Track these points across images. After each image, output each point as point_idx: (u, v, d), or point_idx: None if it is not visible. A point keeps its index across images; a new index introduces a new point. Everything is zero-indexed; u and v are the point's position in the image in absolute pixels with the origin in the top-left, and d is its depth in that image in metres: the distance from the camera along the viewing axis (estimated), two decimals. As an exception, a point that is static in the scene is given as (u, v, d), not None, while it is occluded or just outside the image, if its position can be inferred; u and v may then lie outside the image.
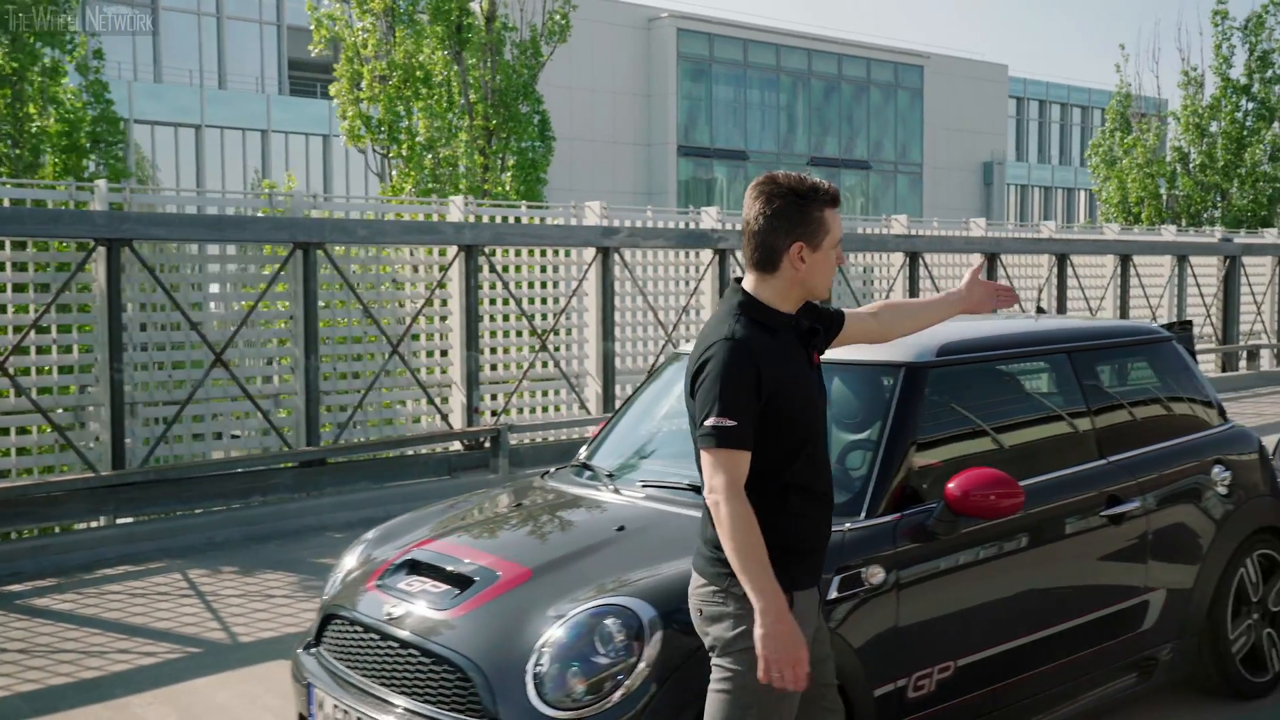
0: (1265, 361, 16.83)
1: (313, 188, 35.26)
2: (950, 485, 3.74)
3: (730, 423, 2.68)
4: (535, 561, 3.59)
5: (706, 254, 10.78)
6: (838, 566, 3.51)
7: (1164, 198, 23.00)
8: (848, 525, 3.62)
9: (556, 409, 10.14)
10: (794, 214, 2.78)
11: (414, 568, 3.74)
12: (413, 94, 12.13)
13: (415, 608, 3.52)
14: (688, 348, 4.85)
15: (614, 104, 38.70)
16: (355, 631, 3.66)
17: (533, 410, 10.02)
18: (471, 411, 9.29)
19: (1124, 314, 14.43)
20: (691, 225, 11.09)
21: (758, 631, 2.65)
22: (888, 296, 12.43)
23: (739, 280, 2.90)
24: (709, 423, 2.70)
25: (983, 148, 49.05)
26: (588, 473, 4.36)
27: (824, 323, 3.01)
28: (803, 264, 2.79)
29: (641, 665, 3.13)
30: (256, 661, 5.27)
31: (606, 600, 3.26)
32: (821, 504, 2.89)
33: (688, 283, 10.81)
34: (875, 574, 3.58)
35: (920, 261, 12.43)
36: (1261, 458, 5.01)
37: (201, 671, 5.14)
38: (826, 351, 3.07)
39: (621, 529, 3.79)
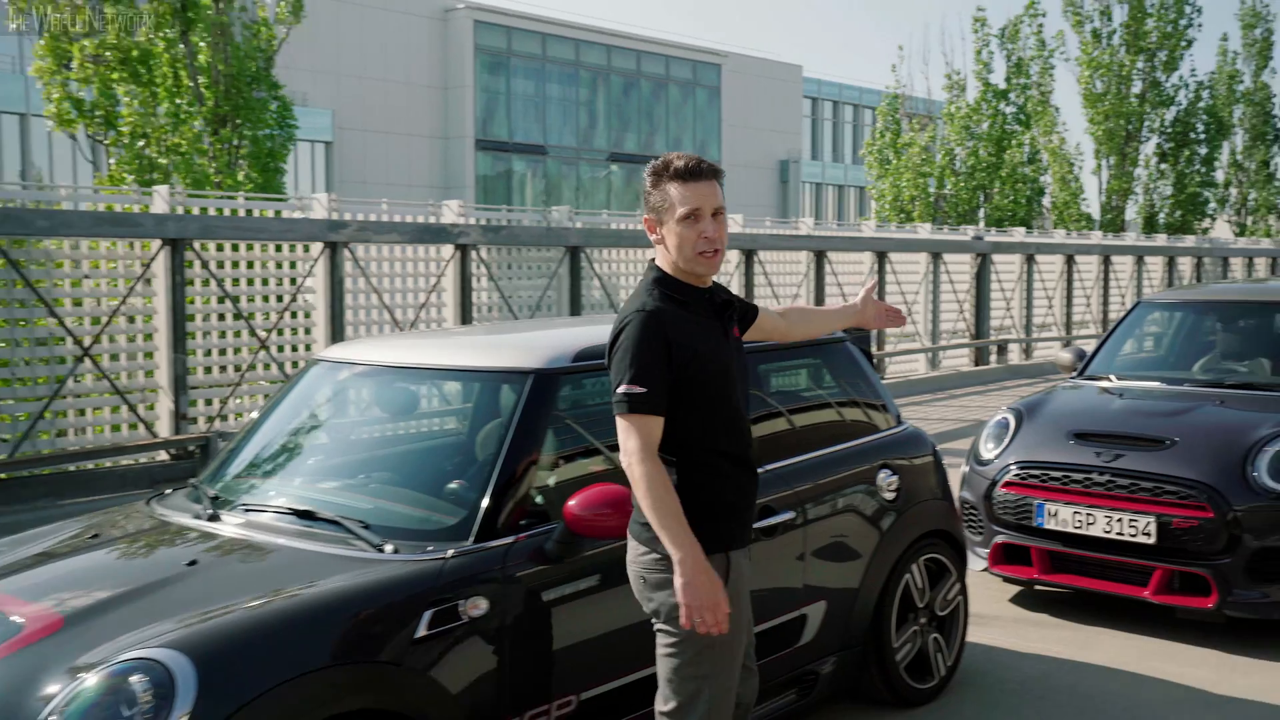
0: (1014, 355, 17.53)
1: (81, 179, 33.02)
2: (570, 503, 3.43)
3: (640, 389, 2.82)
4: (72, 607, 3.09)
5: (447, 249, 10.33)
6: (430, 600, 3.16)
7: (934, 197, 23.80)
8: (451, 551, 3.28)
9: (281, 414, 9.49)
10: (647, 193, 2.98)
11: (-64, 618, 3.18)
12: (130, 76, 11.21)
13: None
14: (329, 354, 4.42)
15: (408, 95, 37.69)
16: None
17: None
18: (180, 418, 8.59)
19: (880, 310, 14.68)
20: (432, 219, 10.62)
21: (678, 581, 2.80)
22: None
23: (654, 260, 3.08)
24: (621, 390, 2.84)
25: (779, 146, 50.12)
26: (195, 495, 3.89)
27: (740, 305, 3.20)
28: (656, 237, 2.97)
29: (172, 729, 2.69)
30: None
31: (136, 654, 2.80)
32: (743, 468, 3.04)
33: (427, 279, 10.34)
34: (477, 606, 3.24)
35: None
36: (935, 460, 4.93)
37: None
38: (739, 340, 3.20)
39: (193, 564, 3.33)
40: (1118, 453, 5.54)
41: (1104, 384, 6.58)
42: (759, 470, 4.10)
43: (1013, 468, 5.83)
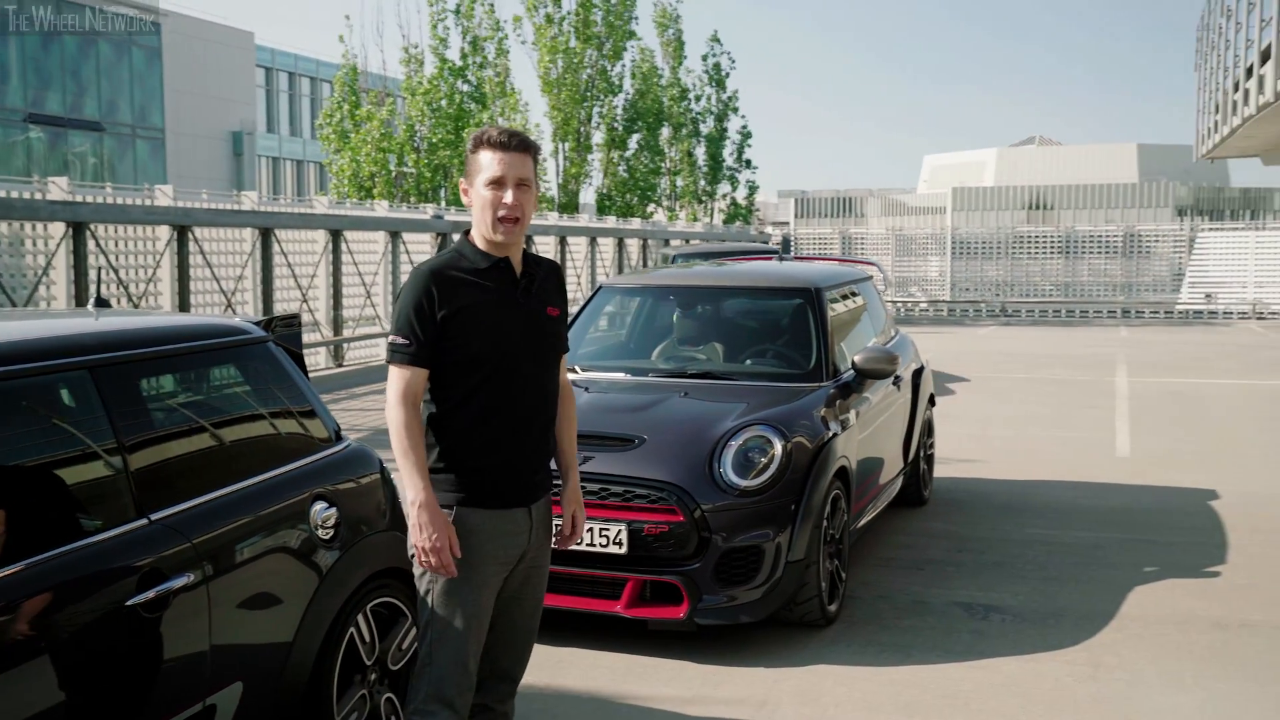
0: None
1: None
2: None
3: (402, 340, 3.04)
4: None
5: None
6: None
7: (394, 174, 23.02)
8: None
9: None
10: (466, 158, 3.15)
11: None
12: None
13: None
14: None
15: None
16: None
17: None
18: None
19: (337, 293, 13.69)
20: None
21: (410, 523, 3.02)
22: (46, 273, 10.26)
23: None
24: (389, 340, 3.07)
25: (231, 117, 46.88)
26: None
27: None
28: (468, 200, 3.15)
29: None
30: None
31: None
32: (508, 432, 3.09)
33: None
34: None
35: (87, 233, 10.39)
36: (383, 481, 4.08)
37: None
38: None
39: None
40: (588, 455, 5.04)
41: (570, 376, 6.12)
42: (145, 520, 3.12)
43: (477, 477, 5.15)
